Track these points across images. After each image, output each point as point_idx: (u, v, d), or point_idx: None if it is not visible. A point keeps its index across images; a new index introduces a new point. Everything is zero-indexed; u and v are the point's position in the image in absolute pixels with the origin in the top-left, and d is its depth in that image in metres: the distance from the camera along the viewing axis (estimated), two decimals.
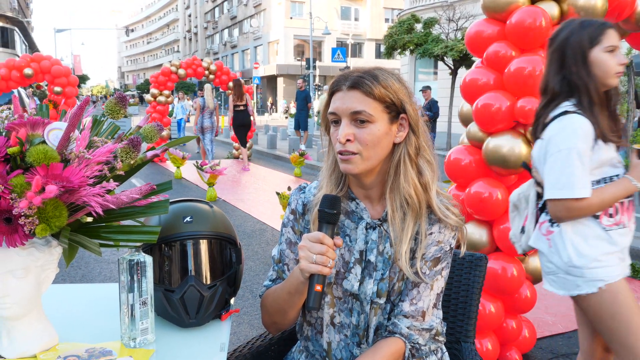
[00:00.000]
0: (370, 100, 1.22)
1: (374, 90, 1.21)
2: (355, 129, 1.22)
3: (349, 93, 1.23)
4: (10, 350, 1.17)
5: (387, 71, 1.27)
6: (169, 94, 12.60)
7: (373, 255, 1.29)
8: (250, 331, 3.50)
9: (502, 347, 2.96)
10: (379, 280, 1.28)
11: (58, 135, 1.12)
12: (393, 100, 1.23)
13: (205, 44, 63.25)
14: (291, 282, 1.26)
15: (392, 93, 1.23)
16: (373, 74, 1.23)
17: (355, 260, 1.30)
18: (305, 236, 1.19)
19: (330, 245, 1.17)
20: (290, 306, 1.29)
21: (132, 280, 1.21)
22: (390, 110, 1.24)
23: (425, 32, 14.12)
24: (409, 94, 1.27)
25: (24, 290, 1.13)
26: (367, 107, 1.21)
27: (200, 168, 7.71)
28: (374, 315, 1.29)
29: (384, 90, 1.22)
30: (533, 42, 2.67)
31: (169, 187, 1.25)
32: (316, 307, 1.17)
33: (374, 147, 1.23)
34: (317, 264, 1.16)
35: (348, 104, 1.22)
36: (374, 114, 1.22)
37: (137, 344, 1.23)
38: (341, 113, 1.23)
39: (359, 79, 1.22)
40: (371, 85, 1.21)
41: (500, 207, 2.73)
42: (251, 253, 5.27)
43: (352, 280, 1.30)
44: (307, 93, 15.12)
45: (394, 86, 1.24)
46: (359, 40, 45.57)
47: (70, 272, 4.61)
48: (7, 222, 1.03)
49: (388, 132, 1.24)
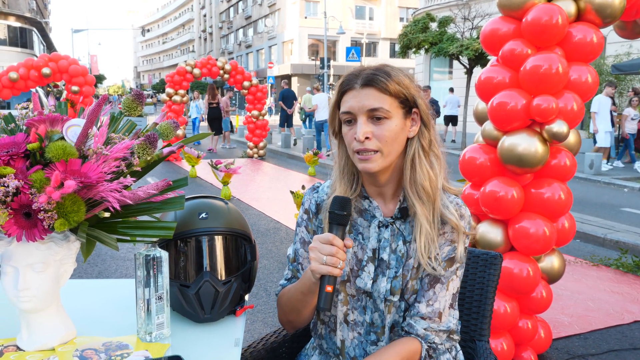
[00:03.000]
0: (386, 97, 1.22)
1: (390, 87, 1.22)
2: (373, 126, 1.22)
3: (363, 91, 1.23)
4: (29, 342, 1.19)
5: (395, 67, 1.28)
6: (184, 93, 12.68)
7: (386, 254, 1.29)
8: (264, 328, 3.51)
9: (517, 347, 2.94)
10: (392, 278, 1.28)
11: (76, 132, 1.14)
12: (406, 96, 1.24)
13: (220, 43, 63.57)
14: (303, 282, 1.27)
15: (405, 88, 1.24)
16: (385, 71, 1.24)
17: (368, 259, 1.30)
18: (316, 237, 1.20)
19: (340, 246, 1.17)
20: (303, 306, 1.30)
21: (148, 275, 1.22)
22: (405, 105, 1.25)
23: (440, 31, 14.03)
24: (418, 89, 1.28)
25: (43, 284, 1.15)
26: (384, 104, 1.21)
27: (214, 167, 7.75)
28: (388, 312, 1.29)
29: (398, 87, 1.23)
30: (549, 40, 2.64)
31: (185, 184, 1.26)
32: (327, 308, 1.17)
33: (392, 143, 1.23)
34: (327, 265, 1.16)
35: (364, 102, 1.22)
36: (391, 110, 1.22)
37: (153, 339, 1.24)
38: (357, 111, 1.23)
39: (373, 76, 1.22)
40: (386, 81, 1.22)
41: (515, 206, 2.71)
42: (265, 251, 5.29)
43: (365, 278, 1.30)
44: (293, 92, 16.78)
45: (405, 81, 1.24)
46: (373, 40, 45.47)
47: (87, 269, 4.66)
48: (27, 217, 1.05)
49: (403, 127, 1.25)
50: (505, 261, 2.74)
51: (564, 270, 2.97)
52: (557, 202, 2.69)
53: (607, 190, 9.41)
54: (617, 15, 2.66)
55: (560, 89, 2.63)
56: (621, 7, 2.64)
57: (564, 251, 5.07)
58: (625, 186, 9.60)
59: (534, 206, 2.73)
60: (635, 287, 4.37)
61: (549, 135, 2.58)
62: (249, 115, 13.50)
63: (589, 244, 5.77)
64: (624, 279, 4.56)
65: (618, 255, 5.08)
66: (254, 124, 13.50)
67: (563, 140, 2.59)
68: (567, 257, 5.00)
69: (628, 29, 3.20)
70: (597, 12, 2.64)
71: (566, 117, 2.60)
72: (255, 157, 13.59)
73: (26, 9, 37.56)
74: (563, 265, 2.95)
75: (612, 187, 9.75)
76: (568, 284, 4.34)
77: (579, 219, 6.28)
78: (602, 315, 3.75)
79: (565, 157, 2.75)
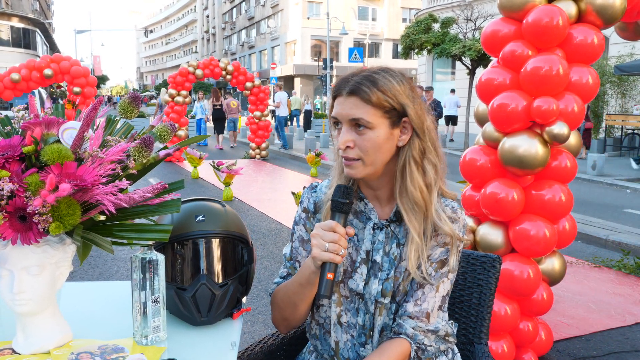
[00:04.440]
0: (369, 107, 1.20)
1: (372, 97, 1.19)
2: (356, 135, 1.22)
3: (348, 99, 1.22)
4: (25, 346, 1.19)
5: (390, 72, 1.24)
6: (187, 94, 12.69)
7: (379, 256, 1.29)
8: (264, 330, 3.51)
9: (518, 349, 2.93)
10: (383, 280, 1.28)
11: (72, 135, 1.14)
12: (393, 105, 1.21)
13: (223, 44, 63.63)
14: (302, 272, 1.27)
15: (392, 97, 1.21)
16: (372, 79, 1.21)
17: (361, 260, 1.31)
18: (318, 225, 1.20)
19: (343, 234, 1.18)
20: (301, 299, 1.30)
21: (144, 278, 1.22)
22: (391, 115, 1.22)
23: (443, 31, 14.01)
24: (414, 95, 1.24)
25: (39, 287, 1.15)
26: (365, 114, 1.20)
27: (216, 168, 7.76)
28: (379, 315, 1.29)
29: (383, 96, 1.20)
30: (550, 41, 2.64)
31: (181, 186, 1.26)
32: (327, 295, 1.17)
33: (374, 152, 1.22)
34: (330, 252, 1.16)
35: (348, 110, 1.22)
36: (372, 121, 1.20)
37: (149, 342, 1.24)
38: (341, 119, 1.24)
39: (357, 86, 1.21)
40: (369, 91, 1.19)
41: (516, 207, 2.70)
42: (267, 253, 5.29)
43: (358, 279, 1.30)
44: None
45: (394, 89, 1.21)
46: (376, 40, 45.43)
47: (88, 270, 4.67)
48: (22, 220, 1.05)
49: (389, 137, 1.23)
50: (506, 263, 2.74)
51: (565, 272, 2.96)
52: (557, 203, 2.68)
53: (610, 191, 9.39)
54: (618, 16, 2.65)
55: (561, 91, 2.63)
56: (622, 8, 2.63)
57: (565, 252, 5.06)
58: (627, 187, 9.58)
59: (535, 208, 2.72)
60: (637, 288, 4.36)
61: (549, 136, 2.58)
62: (252, 116, 13.51)
63: (591, 245, 5.76)
64: (626, 281, 4.55)
65: (620, 257, 5.07)
66: (256, 124, 13.51)
67: (564, 141, 2.59)
68: (568, 258, 4.99)
69: (629, 30, 3.19)
70: (598, 13, 2.64)
71: (567, 119, 2.59)
72: (258, 158, 13.60)
73: (29, 9, 37.67)
74: (564, 267, 2.94)
75: (614, 188, 9.73)
76: (570, 285, 4.33)
77: (581, 220, 6.27)
78: (604, 317, 3.74)
79: (566, 159, 2.74)
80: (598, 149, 13.79)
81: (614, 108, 15.50)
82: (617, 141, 14.70)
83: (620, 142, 14.62)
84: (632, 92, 15.23)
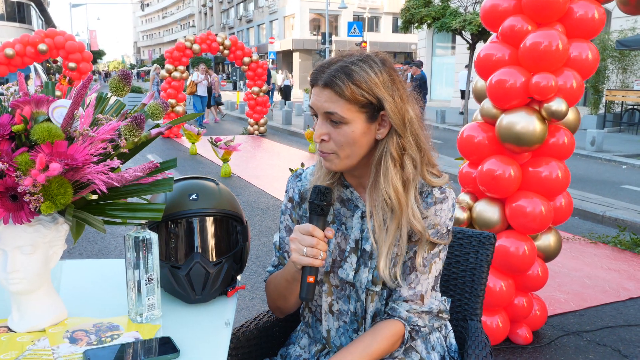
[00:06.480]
0: (343, 102, 1.14)
1: (345, 92, 1.13)
2: (331, 128, 1.18)
3: (323, 91, 1.16)
4: (20, 324, 1.20)
5: (368, 62, 1.16)
6: (184, 69, 12.57)
7: (368, 244, 1.27)
8: (262, 306, 3.54)
9: (513, 324, 2.97)
10: (374, 269, 1.27)
11: (62, 113, 1.13)
12: (369, 99, 1.15)
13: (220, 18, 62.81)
14: (288, 270, 1.27)
15: (368, 91, 1.14)
16: (347, 71, 1.14)
17: (351, 249, 1.29)
18: (296, 228, 1.18)
19: (321, 237, 1.16)
20: (289, 293, 1.31)
21: (138, 257, 1.22)
22: (367, 109, 1.16)
23: (443, 5, 13.83)
24: (394, 87, 1.17)
25: (33, 266, 1.15)
26: (339, 109, 1.15)
27: (214, 144, 7.73)
28: (370, 302, 1.29)
29: (358, 90, 1.14)
30: (550, 16, 2.60)
31: (174, 165, 1.25)
32: (309, 298, 1.17)
33: (350, 147, 1.18)
34: (308, 257, 1.15)
35: (322, 103, 1.17)
36: (347, 116, 1.15)
37: (143, 320, 1.25)
38: (317, 110, 1.19)
39: (331, 79, 1.14)
40: (343, 85, 1.13)
41: (513, 184, 2.70)
42: (265, 229, 5.31)
43: (348, 269, 1.29)
44: None
45: (370, 82, 1.14)
46: (375, 14, 44.86)
47: (87, 247, 4.69)
48: (13, 200, 1.04)
49: (366, 132, 1.18)
50: (502, 239, 2.75)
51: (561, 248, 2.98)
52: (554, 180, 2.68)
53: (608, 167, 9.38)
54: None
55: (560, 67, 2.60)
56: None
57: (562, 229, 5.08)
58: (624, 163, 9.58)
59: (532, 185, 2.72)
60: (632, 264, 4.39)
61: (547, 113, 2.56)
62: (250, 91, 13.42)
63: (588, 222, 5.78)
64: (622, 257, 4.58)
65: (616, 233, 5.09)
66: (254, 100, 13.42)
67: (562, 118, 2.57)
68: (565, 234, 5.01)
69: (631, 4, 3.14)
70: None
71: (565, 95, 2.57)
72: (256, 134, 13.56)
73: None
74: (560, 243, 2.96)
75: (613, 164, 9.73)
76: (566, 261, 4.36)
77: (578, 196, 6.28)
78: (598, 293, 3.77)
79: (564, 136, 2.73)
80: (597, 124, 13.74)
81: (615, 83, 15.39)
82: (617, 117, 14.63)
83: (620, 118, 14.56)
84: (634, 67, 15.08)
